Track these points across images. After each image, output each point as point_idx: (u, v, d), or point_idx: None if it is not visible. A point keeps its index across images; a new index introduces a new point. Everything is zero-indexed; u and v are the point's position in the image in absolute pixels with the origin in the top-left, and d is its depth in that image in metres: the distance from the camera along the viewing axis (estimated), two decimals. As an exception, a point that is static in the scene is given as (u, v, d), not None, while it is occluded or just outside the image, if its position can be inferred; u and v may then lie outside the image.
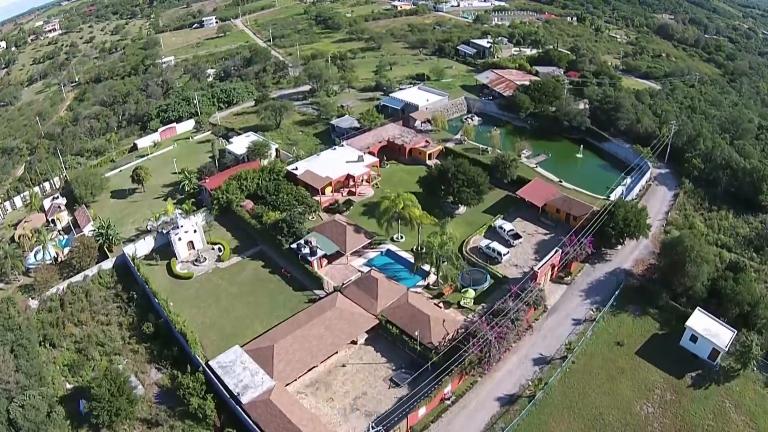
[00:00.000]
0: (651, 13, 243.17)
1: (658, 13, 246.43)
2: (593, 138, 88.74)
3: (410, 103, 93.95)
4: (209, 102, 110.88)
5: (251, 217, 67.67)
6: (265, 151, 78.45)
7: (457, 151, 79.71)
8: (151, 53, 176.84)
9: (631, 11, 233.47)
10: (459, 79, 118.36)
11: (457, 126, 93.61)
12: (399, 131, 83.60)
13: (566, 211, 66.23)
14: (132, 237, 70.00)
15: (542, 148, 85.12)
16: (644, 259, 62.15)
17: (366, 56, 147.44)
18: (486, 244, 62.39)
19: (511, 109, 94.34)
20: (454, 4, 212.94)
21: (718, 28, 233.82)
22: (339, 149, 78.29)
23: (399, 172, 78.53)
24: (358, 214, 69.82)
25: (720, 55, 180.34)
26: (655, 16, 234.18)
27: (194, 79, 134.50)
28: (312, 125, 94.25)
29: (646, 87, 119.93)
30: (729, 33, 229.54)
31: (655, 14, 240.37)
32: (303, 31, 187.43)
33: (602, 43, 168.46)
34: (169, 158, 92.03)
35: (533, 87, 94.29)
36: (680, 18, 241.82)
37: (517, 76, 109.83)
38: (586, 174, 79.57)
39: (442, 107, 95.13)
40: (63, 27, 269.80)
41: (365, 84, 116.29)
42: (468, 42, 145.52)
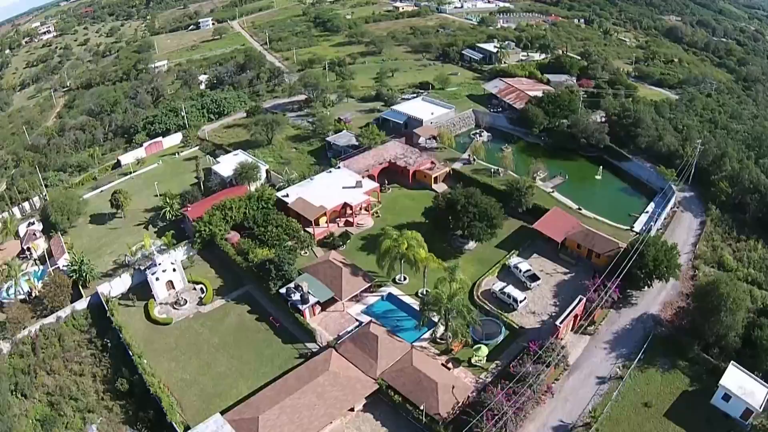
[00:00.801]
0: (658, 14, 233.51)
1: (665, 14, 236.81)
2: (612, 156, 79.85)
3: (414, 117, 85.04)
4: (199, 113, 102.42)
5: (236, 254, 59.76)
6: (253, 174, 70.18)
7: (466, 174, 71.17)
8: (143, 57, 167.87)
9: (638, 13, 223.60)
10: (465, 87, 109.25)
11: (464, 143, 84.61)
12: (401, 150, 74.86)
13: (588, 247, 58.06)
14: (109, 271, 62.90)
15: (558, 169, 76.38)
16: (673, 302, 54.71)
17: (366, 61, 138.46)
18: (500, 288, 54.15)
19: (523, 124, 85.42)
20: (457, 6, 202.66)
21: (725, 31, 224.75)
22: (335, 172, 69.76)
23: (402, 197, 70.03)
24: (355, 248, 61.47)
25: (731, 60, 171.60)
26: (662, 18, 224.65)
27: (185, 87, 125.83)
28: (307, 141, 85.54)
29: (663, 97, 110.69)
30: (737, 35, 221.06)
31: (662, 16, 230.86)
32: (301, 34, 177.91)
33: (611, 46, 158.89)
34: (154, 177, 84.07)
35: (547, 99, 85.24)
36: (688, 20, 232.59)
37: (527, 86, 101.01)
38: (607, 199, 71.22)
39: (448, 121, 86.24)
40: (58, 29, 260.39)
41: (365, 93, 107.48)
42: (473, 46, 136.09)
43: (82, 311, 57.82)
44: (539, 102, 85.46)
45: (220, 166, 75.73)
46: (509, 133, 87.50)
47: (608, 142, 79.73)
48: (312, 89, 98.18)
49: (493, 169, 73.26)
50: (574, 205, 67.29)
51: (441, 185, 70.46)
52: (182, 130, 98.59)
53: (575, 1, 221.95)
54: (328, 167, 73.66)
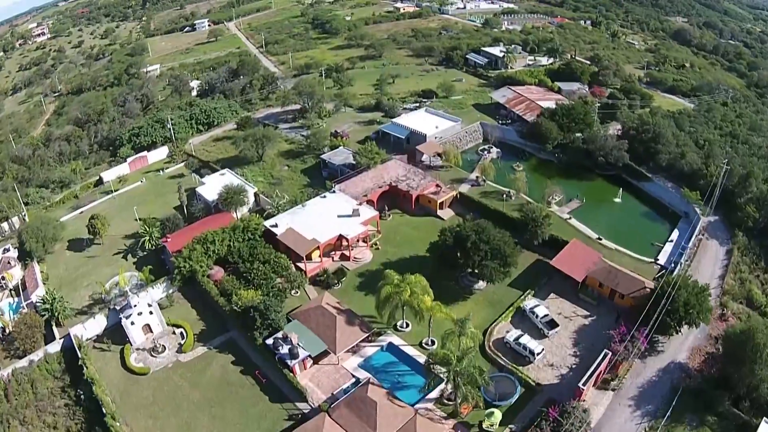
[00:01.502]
0: (664, 15, 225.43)
1: (671, 15, 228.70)
2: (631, 175, 72.33)
3: (416, 132, 77.22)
4: (187, 124, 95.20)
5: (219, 294, 52.88)
6: (240, 199, 63.15)
7: (474, 198, 63.70)
8: (136, 61, 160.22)
9: (645, 14, 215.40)
10: (471, 95, 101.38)
11: (472, 160, 76.67)
12: (403, 171, 67.14)
13: (611, 287, 50.97)
14: (84, 308, 56.52)
15: (574, 190, 69.00)
16: (701, 347, 48.49)
17: (366, 66, 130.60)
18: (515, 338, 46.99)
19: (535, 138, 77.60)
20: (460, 6, 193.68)
21: (732, 32, 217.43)
22: (329, 197, 62.31)
23: (404, 226, 62.50)
24: (352, 287, 54.09)
25: (741, 64, 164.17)
26: (669, 20, 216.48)
27: (175, 94, 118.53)
28: (300, 158, 77.80)
29: (679, 107, 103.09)
30: (744, 37, 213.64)
31: (669, 17, 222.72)
32: (298, 36, 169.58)
33: (620, 50, 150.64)
34: (136, 197, 77.19)
35: (560, 112, 77.70)
36: (694, 21, 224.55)
37: (537, 95, 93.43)
38: (627, 225, 63.93)
39: (454, 136, 78.38)
40: (52, 31, 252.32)
41: (364, 102, 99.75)
42: (478, 50, 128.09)
43: (55, 354, 51.77)
44: (552, 115, 77.76)
45: (205, 188, 68.51)
46: (520, 149, 79.60)
47: (627, 160, 72.64)
48: (307, 98, 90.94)
49: (504, 192, 66.00)
50: (594, 234, 60.20)
51: (447, 211, 63.09)
52: (169, 142, 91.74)
53: (580, 2, 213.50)
54: (322, 189, 66.33)
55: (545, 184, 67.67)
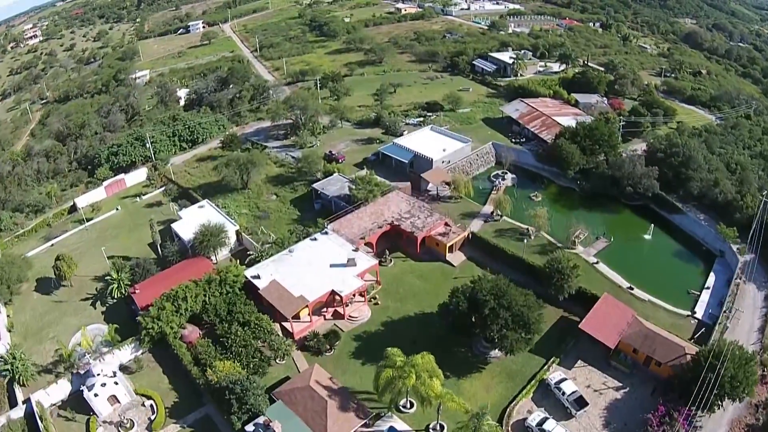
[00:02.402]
0: (673, 17, 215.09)
1: (680, 17, 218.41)
2: (660, 205, 62.94)
3: (421, 155, 67.25)
4: (169, 142, 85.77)
5: (193, 362, 44.00)
6: (218, 241, 54.07)
7: (489, 240, 53.80)
8: (125, 66, 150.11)
9: (654, 15, 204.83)
10: (479, 108, 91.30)
11: (484, 189, 66.36)
12: (406, 206, 57.24)
13: (647, 354, 42.65)
14: (49, 365, 48.56)
15: (599, 224, 59.55)
16: (741, 418, 40.95)
17: (365, 72, 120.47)
18: (538, 423, 37.83)
19: (554, 161, 67.91)
20: (464, 7, 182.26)
21: (742, 35, 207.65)
22: (321, 239, 52.55)
23: (408, 274, 52.51)
24: (347, 354, 44.67)
25: (756, 69, 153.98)
26: (678, 21, 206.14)
27: (161, 105, 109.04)
28: (290, 184, 67.99)
29: (702, 120, 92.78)
30: (753, 40, 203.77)
31: (677, 19, 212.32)
32: (295, 39, 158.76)
33: (633, 55, 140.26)
34: (109, 229, 68.20)
35: (582, 132, 68.02)
36: (703, 23, 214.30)
37: (553, 109, 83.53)
38: (659, 267, 54.84)
39: (463, 160, 68.42)
40: (44, 33, 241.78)
41: (363, 115, 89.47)
42: (486, 56, 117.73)
43: (18, 421, 43.88)
44: (573, 135, 68.07)
45: (181, 225, 59.00)
46: (537, 174, 69.70)
47: (658, 189, 63.24)
48: (300, 113, 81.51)
49: (522, 229, 56.57)
50: (624, 282, 51.02)
51: (458, 255, 53.41)
52: (149, 162, 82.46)
53: (588, 3, 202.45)
54: (313, 225, 56.77)
55: (567, 219, 58.02)
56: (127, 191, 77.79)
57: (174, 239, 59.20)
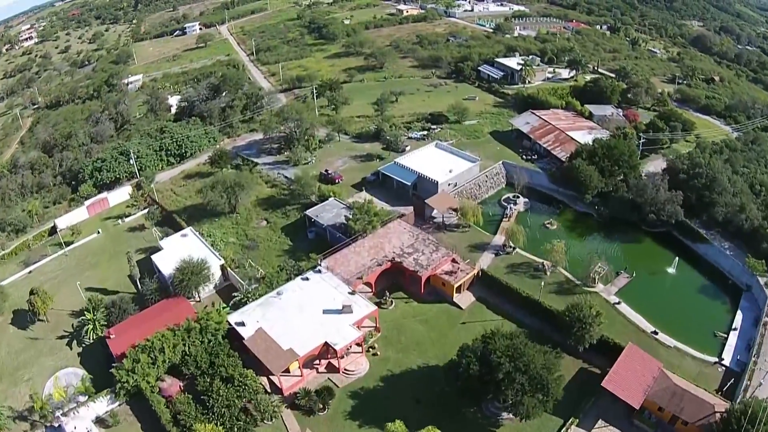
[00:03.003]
0: (679, 19, 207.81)
1: (687, 19, 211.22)
2: (683, 233, 56.53)
3: (425, 177, 60.34)
4: (155, 156, 79.28)
5: (172, 421, 37.74)
6: (200, 279, 47.70)
7: (501, 279, 47.23)
8: (117, 71, 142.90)
9: (661, 18, 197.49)
10: (487, 120, 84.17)
11: (495, 215, 59.30)
12: (409, 238, 50.60)
13: (673, 412, 36.96)
14: (24, 411, 42.99)
15: (618, 254, 53.34)
16: None
17: (365, 79, 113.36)
18: None
19: (570, 183, 61.23)
20: (467, 9, 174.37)
21: (749, 38, 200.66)
22: (314, 279, 46.07)
23: (410, 319, 45.97)
24: (343, 414, 38.37)
25: (767, 74, 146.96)
26: (685, 24, 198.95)
27: (151, 114, 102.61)
28: (282, 208, 61.18)
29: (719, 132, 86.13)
30: (760, 43, 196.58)
31: (684, 21, 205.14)
32: (293, 42, 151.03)
33: (643, 60, 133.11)
34: (89, 255, 62.12)
35: (601, 152, 61.18)
36: (710, 25, 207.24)
37: (567, 123, 76.72)
38: (684, 305, 48.98)
39: (471, 182, 61.74)
40: (39, 35, 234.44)
41: (362, 127, 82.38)
42: (492, 61, 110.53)
43: None
44: (590, 155, 61.58)
45: (162, 257, 52.50)
46: (551, 196, 62.86)
47: (682, 216, 56.64)
48: (294, 126, 74.79)
49: (538, 264, 50.08)
50: (648, 326, 45.11)
51: (466, 295, 46.97)
52: (134, 179, 76.27)
53: (594, 4, 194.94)
54: (305, 258, 50.62)
55: (585, 250, 52.16)
56: (110, 211, 71.49)
57: (154, 272, 53.07)
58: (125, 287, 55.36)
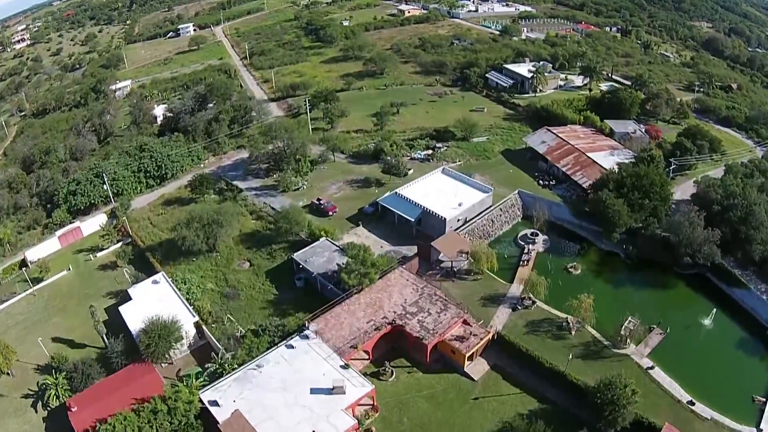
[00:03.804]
0: (688, 20, 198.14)
1: (696, 20, 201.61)
2: (719, 276, 48.84)
3: (431, 212, 51.82)
4: (133, 179, 71.13)
5: None
6: (170, 344, 39.92)
7: (519, 344, 39.19)
8: (105, 76, 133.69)
9: (670, 19, 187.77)
10: (497, 136, 75.26)
11: (511, 257, 50.58)
12: (412, 293, 42.33)
13: None
14: None
15: (649, 304, 45.49)
16: None
17: (364, 86, 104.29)
18: None
19: (593, 217, 52.76)
20: (471, 9, 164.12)
21: (759, 40, 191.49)
22: (300, 347, 38.13)
23: (414, 394, 37.85)
24: None
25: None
26: (695, 25, 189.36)
27: (134, 126, 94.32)
28: (267, 247, 52.79)
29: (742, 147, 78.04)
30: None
31: (694, 23, 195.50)
32: (288, 45, 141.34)
33: (656, 65, 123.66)
34: (59, 297, 54.20)
35: (629, 181, 52.61)
36: (720, 26, 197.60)
37: (586, 141, 67.97)
38: (719, 362, 41.83)
39: (484, 218, 52.92)
40: (32, 37, 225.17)
41: (360, 145, 73.56)
42: (500, 68, 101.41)
43: None
44: (618, 185, 53.08)
45: (130, 309, 44.69)
46: (573, 232, 54.23)
47: (720, 258, 48.36)
48: (284, 145, 65.86)
49: (561, 320, 42.16)
50: (684, 394, 37.80)
51: (479, 364, 38.91)
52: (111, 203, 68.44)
53: (602, 5, 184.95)
54: (293, 310, 43.25)
55: (613, 299, 44.60)
56: (83, 242, 63.36)
57: (120, 338, 45.30)
58: (93, 340, 47.85)
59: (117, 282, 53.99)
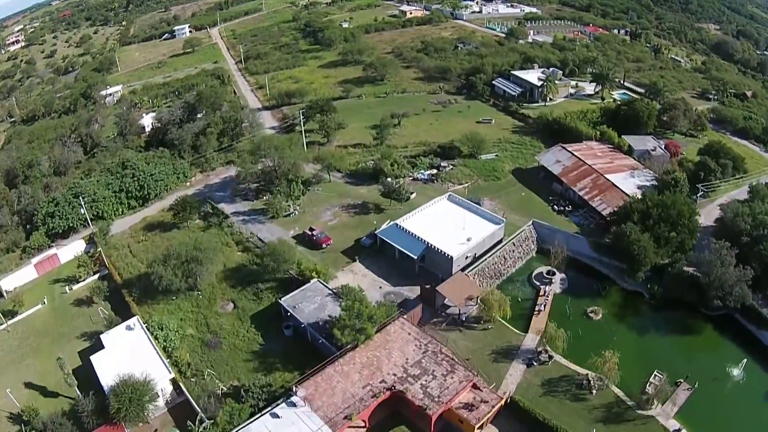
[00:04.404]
0: (696, 22, 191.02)
1: (703, 22, 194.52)
2: (748, 317, 43.22)
3: (435, 249, 45.58)
4: (114, 199, 65.05)
5: None
6: (142, 405, 34.59)
7: (535, 411, 33.70)
8: (96, 81, 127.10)
9: (677, 20, 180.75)
10: (507, 152, 69.09)
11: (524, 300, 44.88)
12: (415, 351, 36.49)
13: None
14: None
15: (675, 352, 40.64)
16: None
17: (363, 94, 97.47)
18: None
19: (614, 250, 46.78)
20: (475, 10, 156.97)
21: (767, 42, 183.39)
22: (286, 416, 32.58)
23: None
24: None
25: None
26: (702, 27, 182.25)
27: (120, 138, 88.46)
28: (253, 286, 46.71)
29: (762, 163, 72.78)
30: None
31: (701, 24, 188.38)
32: (285, 48, 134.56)
33: (668, 70, 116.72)
34: (32, 335, 48.73)
35: (656, 212, 46.49)
36: (727, 28, 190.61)
37: (604, 160, 61.61)
38: (752, 420, 36.40)
39: (495, 255, 46.76)
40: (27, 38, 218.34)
41: (358, 161, 67.46)
42: (507, 74, 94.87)
43: None
44: (643, 217, 47.09)
45: (102, 360, 39.19)
46: (593, 268, 48.16)
47: (751, 299, 42.78)
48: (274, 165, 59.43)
49: (581, 378, 36.60)
50: None
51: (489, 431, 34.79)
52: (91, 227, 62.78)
53: (609, 6, 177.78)
54: (281, 364, 37.55)
55: (636, 347, 39.27)
56: (61, 270, 57.97)
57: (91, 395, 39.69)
58: (65, 389, 42.52)
59: (92, 321, 48.46)
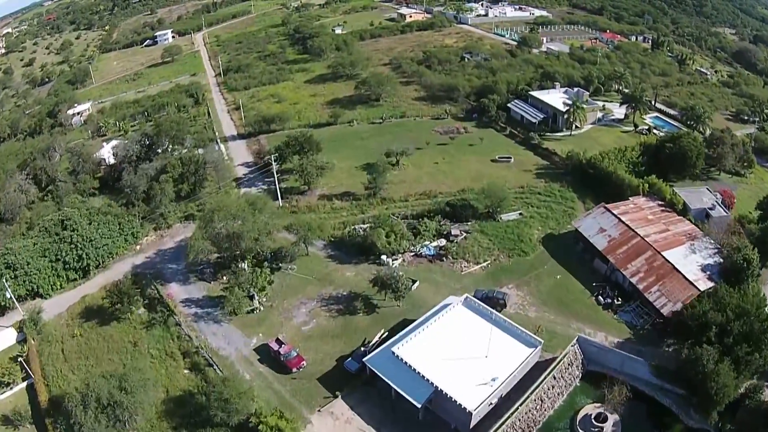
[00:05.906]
0: (711, 26, 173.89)
1: (718, 26, 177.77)
2: None
3: (447, 396, 30.40)
4: (50, 270, 50.00)
5: None
6: None
7: None
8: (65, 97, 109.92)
9: (695, 26, 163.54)
10: (533, 208, 52.83)
11: None
12: None
13: None
14: None
15: None
16: None
17: (355, 119, 79.67)
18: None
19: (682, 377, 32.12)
20: (480, 14, 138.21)
21: None
22: None
23: None
24: None
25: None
26: (718, 32, 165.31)
27: (72, 177, 72.24)
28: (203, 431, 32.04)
29: None
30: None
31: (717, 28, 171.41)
32: (271, 57, 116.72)
33: (696, 86, 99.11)
34: None
35: (737, 327, 31.13)
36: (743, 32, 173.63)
37: (657, 228, 45.51)
38: None
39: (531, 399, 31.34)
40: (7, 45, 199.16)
41: (345, 223, 51.66)
42: (525, 95, 77.75)
43: None
44: (722, 332, 31.13)
45: None
46: (653, 398, 33.15)
47: None
48: (231, 244, 43.66)
49: None
50: None
51: None
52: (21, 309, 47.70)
53: (622, 10, 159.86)
54: None
55: None
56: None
57: None
58: None
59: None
